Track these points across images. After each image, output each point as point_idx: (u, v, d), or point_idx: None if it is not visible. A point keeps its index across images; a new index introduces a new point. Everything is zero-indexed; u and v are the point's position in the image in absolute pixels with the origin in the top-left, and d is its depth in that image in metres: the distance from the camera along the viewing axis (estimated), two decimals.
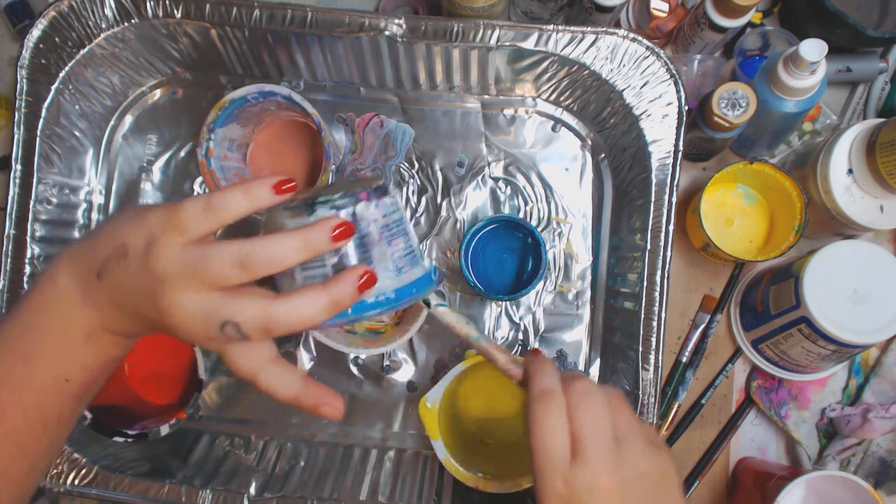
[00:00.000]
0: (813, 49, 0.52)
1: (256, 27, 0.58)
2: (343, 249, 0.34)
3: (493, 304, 0.65)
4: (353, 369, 0.65)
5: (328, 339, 0.57)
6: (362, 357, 0.65)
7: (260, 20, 0.58)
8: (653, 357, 0.57)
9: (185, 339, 0.33)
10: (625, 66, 0.58)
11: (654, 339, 0.57)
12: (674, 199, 0.57)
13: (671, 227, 0.57)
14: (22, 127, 0.59)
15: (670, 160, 0.57)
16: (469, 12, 0.60)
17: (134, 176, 0.66)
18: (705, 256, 0.65)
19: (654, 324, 0.57)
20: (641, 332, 0.57)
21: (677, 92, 0.57)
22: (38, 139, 0.59)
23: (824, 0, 0.59)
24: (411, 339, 0.64)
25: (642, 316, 0.57)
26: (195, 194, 0.65)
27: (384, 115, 0.65)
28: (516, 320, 0.64)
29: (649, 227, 0.57)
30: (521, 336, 0.64)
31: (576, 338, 0.64)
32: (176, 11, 0.58)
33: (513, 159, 0.65)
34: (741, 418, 0.64)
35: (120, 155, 0.66)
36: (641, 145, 0.58)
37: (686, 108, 0.57)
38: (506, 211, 0.65)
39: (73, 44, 0.59)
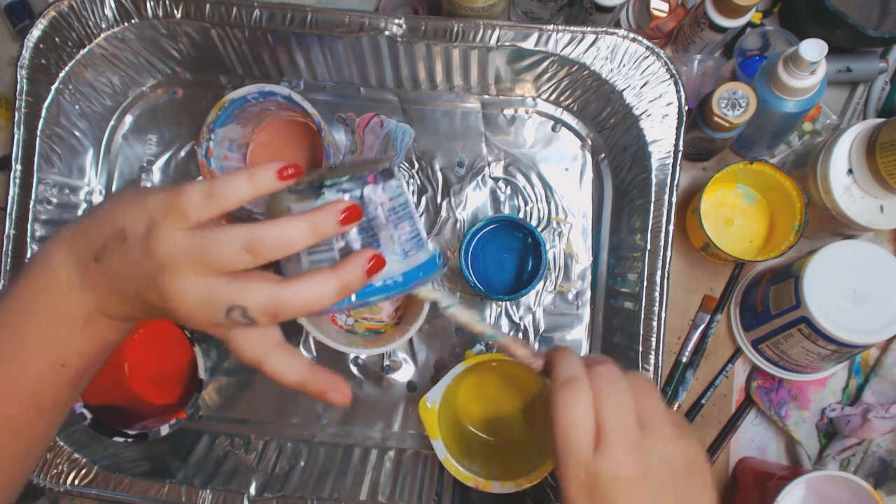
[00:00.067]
0: (813, 49, 0.52)
1: (256, 27, 0.58)
2: (350, 233, 0.34)
3: (493, 304, 0.65)
4: (353, 369, 0.65)
5: (328, 339, 0.57)
6: (362, 357, 0.65)
7: (260, 20, 0.58)
8: (653, 357, 0.57)
9: (189, 324, 0.32)
10: (625, 66, 0.58)
11: (654, 339, 0.57)
12: (674, 199, 0.57)
13: (671, 227, 0.57)
14: (22, 127, 0.58)
15: (670, 160, 0.57)
16: (469, 12, 0.60)
17: (134, 176, 0.66)
18: (705, 256, 0.65)
19: (654, 324, 0.57)
20: (641, 332, 0.57)
21: (677, 92, 0.57)
22: (38, 139, 0.59)
23: (824, 0, 0.59)
24: (411, 340, 0.64)
25: (642, 316, 0.57)
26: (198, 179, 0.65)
27: (384, 115, 0.65)
28: (516, 320, 0.64)
29: (649, 227, 0.57)
30: (521, 336, 0.64)
31: (576, 338, 0.64)
32: (176, 11, 0.58)
33: (513, 159, 0.65)
34: (741, 418, 0.64)
35: (120, 155, 0.66)
36: (641, 145, 0.58)
37: (686, 108, 0.57)
38: (506, 211, 0.65)
39: (73, 44, 0.59)
